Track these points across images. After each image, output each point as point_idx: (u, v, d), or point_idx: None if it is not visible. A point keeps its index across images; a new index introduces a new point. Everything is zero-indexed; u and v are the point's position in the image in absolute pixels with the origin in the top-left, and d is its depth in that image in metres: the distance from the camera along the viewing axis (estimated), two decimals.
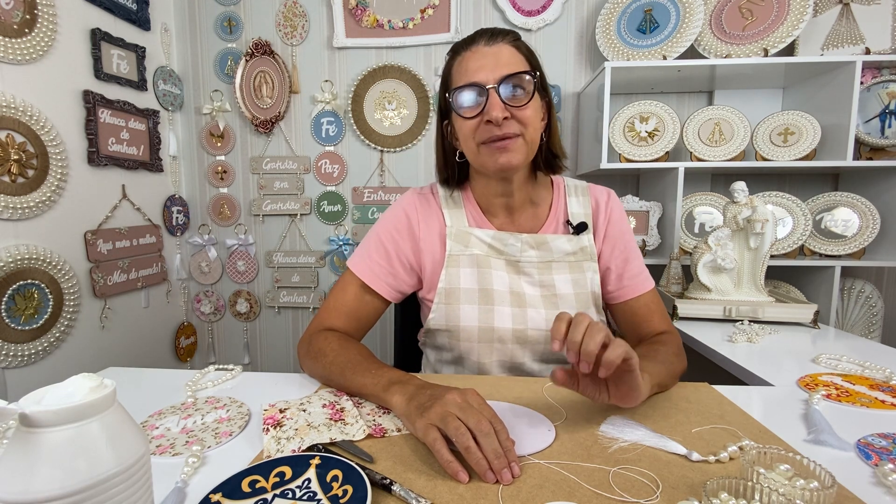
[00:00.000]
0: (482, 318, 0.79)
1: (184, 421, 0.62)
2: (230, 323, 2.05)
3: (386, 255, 0.82)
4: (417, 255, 0.83)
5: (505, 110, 0.69)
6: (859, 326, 1.65)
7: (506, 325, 0.79)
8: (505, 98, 0.69)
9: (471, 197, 0.85)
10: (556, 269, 0.81)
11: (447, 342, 0.83)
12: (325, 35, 1.86)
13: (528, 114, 0.71)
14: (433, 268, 0.83)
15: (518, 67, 0.71)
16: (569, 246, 0.82)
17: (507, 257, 0.81)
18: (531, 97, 0.71)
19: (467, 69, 0.72)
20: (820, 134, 1.52)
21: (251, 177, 1.95)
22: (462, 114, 0.72)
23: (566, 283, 0.80)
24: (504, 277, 0.81)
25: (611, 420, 0.59)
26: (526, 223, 0.83)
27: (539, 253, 0.81)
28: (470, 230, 0.82)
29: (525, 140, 0.72)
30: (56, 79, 1.38)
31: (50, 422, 0.29)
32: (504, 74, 0.69)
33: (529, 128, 0.72)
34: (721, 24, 1.61)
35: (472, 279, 0.80)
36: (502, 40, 0.72)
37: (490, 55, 0.71)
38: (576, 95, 1.81)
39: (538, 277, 0.81)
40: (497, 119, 0.68)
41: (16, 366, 1.27)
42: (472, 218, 0.84)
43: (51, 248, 1.35)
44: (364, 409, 0.64)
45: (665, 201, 1.64)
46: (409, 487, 0.46)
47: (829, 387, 0.74)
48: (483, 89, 0.70)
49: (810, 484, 0.40)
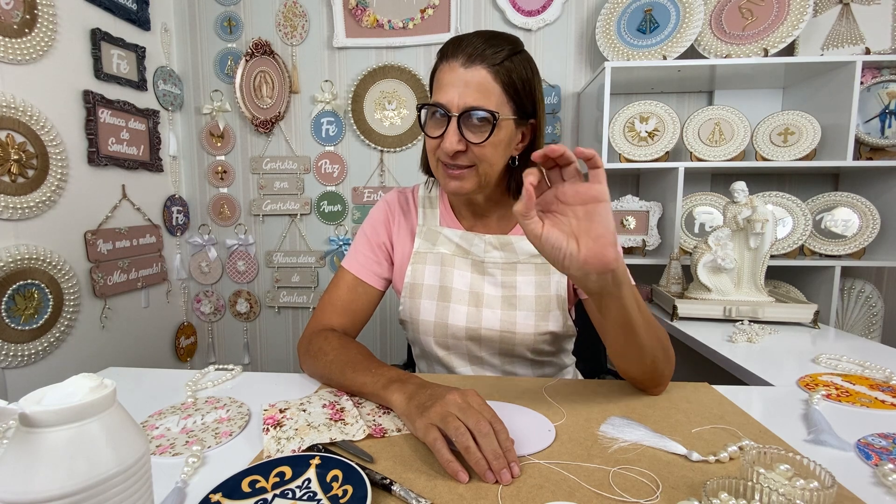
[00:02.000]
0: (438, 314, 0.82)
1: (184, 421, 0.62)
2: (230, 323, 2.05)
3: (368, 245, 0.86)
4: (391, 244, 0.88)
5: (460, 143, 0.68)
6: (859, 326, 1.65)
7: (459, 322, 0.81)
8: (465, 128, 0.68)
9: (445, 198, 0.88)
10: (521, 270, 0.81)
11: (412, 335, 0.87)
12: (325, 35, 1.86)
13: (484, 151, 0.69)
14: (402, 261, 0.86)
15: (484, 100, 0.67)
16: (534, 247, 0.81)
17: (472, 257, 0.83)
18: (490, 135, 0.68)
19: (441, 84, 0.70)
20: (820, 134, 1.52)
21: (251, 177, 1.95)
22: (427, 131, 0.72)
23: (528, 284, 0.80)
24: (466, 276, 0.82)
25: (611, 420, 0.59)
26: (494, 226, 0.84)
27: (504, 254, 0.82)
28: (440, 229, 0.85)
29: (478, 172, 0.72)
30: (56, 79, 1.38)
31: (50, 422, 0.29)
32: (468, 105, 0.67)
33: (484, 162, 0.71)
34: (721, 24, 1.61)
35: (434, 276, 0.83)
36: (481, 63, 0.67)
37: (462, 79, 0.67)
38: (576, 95, 1.81)
39: (501, 278, 0.81)
40: (448, 151, 0.68)
41: (16, 366, 1.27)
42: (444, 219, 0.87)
43: (51, 248, 1.34)
44: (364, 409, 0.64)
45: (665, 201, 1.64)
46: (409, 487, 0.46)
47: (829, 387, 0.74)
48: (446, 115, 0.68)
49: (810, 484, 0.40)
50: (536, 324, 0.79)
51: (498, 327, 0.80)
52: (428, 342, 0.84)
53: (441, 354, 0.84)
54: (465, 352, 0.84)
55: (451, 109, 0.68)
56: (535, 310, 0.80)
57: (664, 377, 0.68)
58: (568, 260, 0.53)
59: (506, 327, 0.79)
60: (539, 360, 0.85)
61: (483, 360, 0.84)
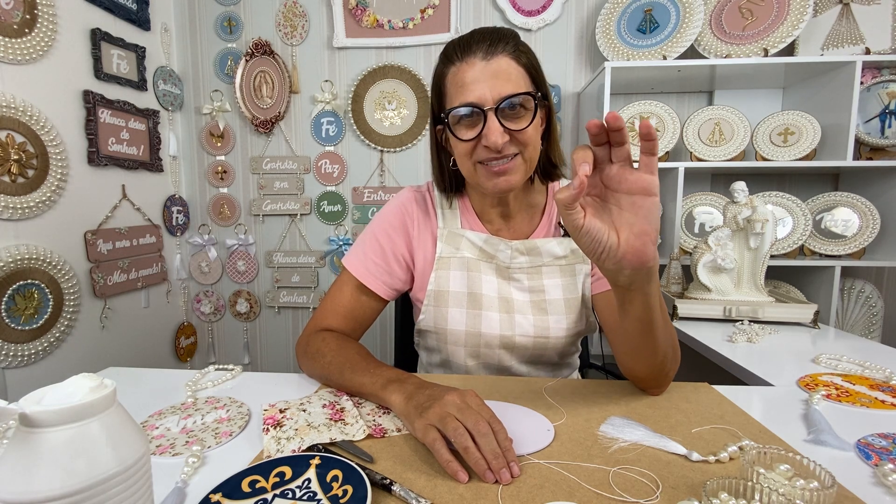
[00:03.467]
0: (470, 323, 0.78)
1: (184, 421, 0.62)
2: (230, 323, 2.05)
3: (381, 253, 0.81)
4: (411, 252, 0.83)
5: (504, 134, 0.65)
6: (859, 326, 1.65)
7: (493, 330, 0.78)
8: (504, 119, 0.65)
9: (467, 201, 0.84)
10: (547, 273, 0.80)
11: (435, 344, 0.83)
12: (325, 35, 1.86)
13: (528, 135, 0.67)
14: (424, 267, 0.82)
15: (519, 85, 0.66)
16: (559, 249, 0.80)
17: (497, 263, 0.80)
18: (533, 117, 0.66)
19: (463, 84, 0.66)
20: (820, 134, 1.52)
21: (251, 177, 1.95)
22: (459, 136, 0.68)
23: (556, 287, 0.79)
24: (493, 282, 0.79)
25: (611, 420, 0.59)
26: (520, 227, 0.82)
27: (529, 259, 0.80)
28: (462, 232, 0.81)
29: (524, 159, 0.69)
30: (56, 79, 1.38)
31: (50, 422, 0.29)
32: (503, 95, 0.64)
33: (529, 146, 0.68)
34: (721, 24, 1.61)
35: (461, 282, 0.79)
36: (502, 51, 0.66)
37: (488, 71, 0.65)
38: (576, 95, 1.81)
39: (528, 283, 0.79)
40: (496, 146, 0.64)
41: (16, 366, 1.27)
42: (467, 221, 0.83)
43: (51, 248, 1.35)
44: (364, 409, 0.64)
45: (665, 201, 1.64)
46: (409, 487, 0.46)
47: (829, 387, 0.74)
48: (481, 111, 0.65)
49: (810, 484, 0.40)
50: (569, 326, 0.78)
51: (532, 333, 0.78)
52: (457, 352, 0.80)
53: (471, 365, 0.81)
54: (496, 361, 0.81)
55: (485, 104, 0.64)
56: (566, 313, 0.78)
57: (669, 377, 0.68)
58: (605, 254, 0.50)
59: (539, 332, 0.78)
60: (561, 363, 0.84)
61: (511, 369, 0.81)
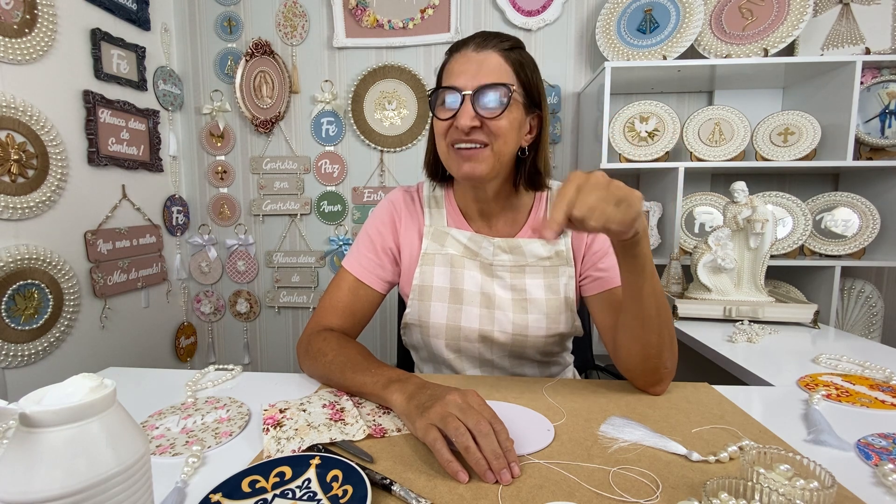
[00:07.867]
0: (450, 317, 0.81)
1: (184, 421, 0.62)
2: (230, 323, 2.05)
3: (373, 248, 0.85)
4: (398, 246, 0.86)
5: (475, 119, 0.69)
6: (859, 326, 1.65)
7: (472, 325, 0.80)
8: (480, 106, 0.69)
9: (452, 199, 0.87)
10: (530, 273, 0.81)
11: (420, 339, 0.86)
12: (325, 35, 1.86)
13: (500, 124, 0.70)
14: (409, 263, 0.85)
15: (499, 78, 0.70)
16: (543, 250, 0.81)
17: (480, 259, 0.82)
18: (505, 108, 0.69)
19: (452, 72, 0.72)
20: (820, 134, 1.52)
21: (251, 177, 1.95)
22: (437, 114, 0.73)
23: (538, 287, 0.80)
24: (476, 278, 0.81)
25: (611, 420, 0.59)
26: (503, 228, 0.84)
27: (512, 257, 0.81)
28: (447, 230, 0.84)
29: (493, 150, 0.71)
30: (56, 79, 1.38)
31: (50, 422, 0.29)
32: (482, 83, 0.69)
33: (499, 139, 0.70)
34: (721, 24, 1.61)
35: (444, 278, 0.82)
36: (493, 47, 0.71)
37: (474, 61, 0.70)
38: (576, 95, 1.81)
39: (510, 281, 0.81)
40: (464, 127, 0.68)
41: (16, 366, 1.27)
42: (452, 219, 0.85)
43: (51, 248, 1.34)
44: (364, 409, 0.64)
45: (665, 201, 1.64)
46: (409, 487, 0.46)
47: (829, 387, 0.74)
48: (459, 94, 0.69)
49: (810, 484, 0.40)
50: (548, 326, 0.79)
51: (510, 330, 0.79)
52: (438, 345, 0.83)
53: (451, 357, 0.83)
54: (476, 354, 0.83)
55: (464, 89, 0.69)
56: (547, 312, 0.79)
57: (666, 371, 0.68)
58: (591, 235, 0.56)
59: (518, 330, 0.79)
60: (546, 361, 0.85)
61: (493, 362, 0.83)
